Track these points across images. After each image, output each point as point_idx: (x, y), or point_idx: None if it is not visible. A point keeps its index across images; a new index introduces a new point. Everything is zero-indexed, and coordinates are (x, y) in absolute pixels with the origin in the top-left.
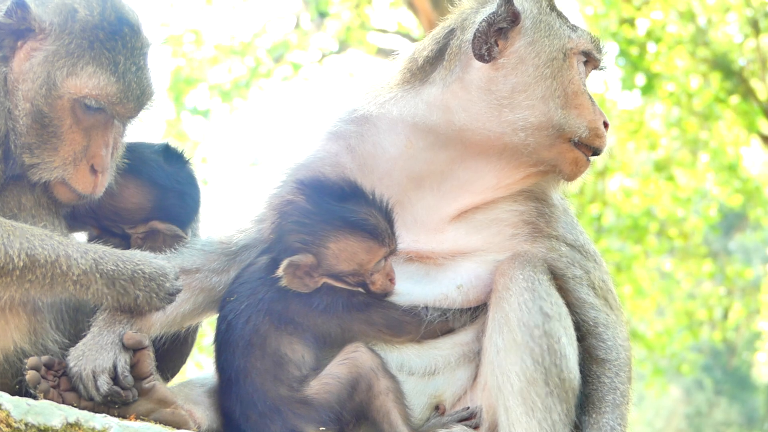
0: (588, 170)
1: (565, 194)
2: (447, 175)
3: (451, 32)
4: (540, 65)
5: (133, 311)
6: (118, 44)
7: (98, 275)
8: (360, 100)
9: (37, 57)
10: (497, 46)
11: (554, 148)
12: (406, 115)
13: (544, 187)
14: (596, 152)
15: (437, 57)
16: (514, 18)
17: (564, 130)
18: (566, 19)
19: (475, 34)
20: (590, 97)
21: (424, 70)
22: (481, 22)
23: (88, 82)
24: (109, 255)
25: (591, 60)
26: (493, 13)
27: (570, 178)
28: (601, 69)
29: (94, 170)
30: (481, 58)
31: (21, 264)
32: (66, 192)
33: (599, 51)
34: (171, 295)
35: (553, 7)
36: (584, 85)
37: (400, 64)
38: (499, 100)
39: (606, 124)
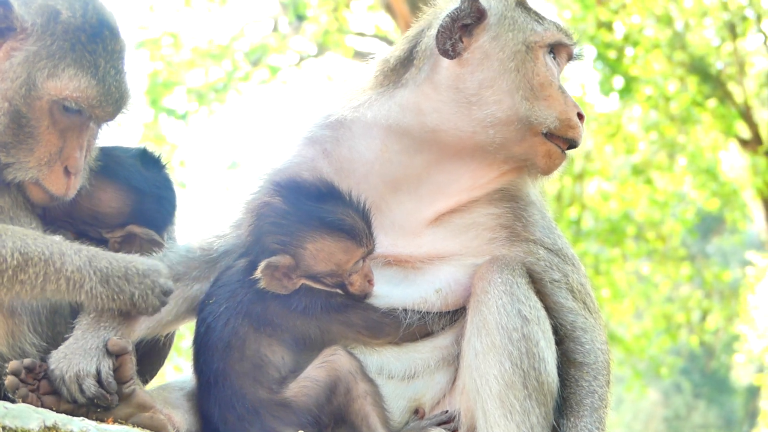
0: (564, 163)
1: (543, 196)
2: (424, 178)
3: (421, 33)
4: (504, 59)
5: (130, 311)
6: (99, 47)
7: (92, 272)
8: (335, 105)
9: (17, 57)
10: (462, 42)
11: (525, 142)
12: (380, 118)
13: (520, 184)
14: (572, 144)
15: (408, 58)
16: (480, 15)
17: (531, 122)
18: (535, 13)
19: (438, 29)
20: (562, 89)
21: (396, 72)
22: (444, 18)
23: (69, 84)
24: (102, 254)
25: (562, 50)
26: (457, 8)
27: (545, 171)
28: (578, 58)
29: (67, 172)
30: (445, 53)
31: (14, 263)
32: (39, 193)
33: (569, 39)
34: (165, 294)
35: (519, 3)
36: (554, 78)
37: (374, 67)
38: (467, 98)
39: (581, 116)
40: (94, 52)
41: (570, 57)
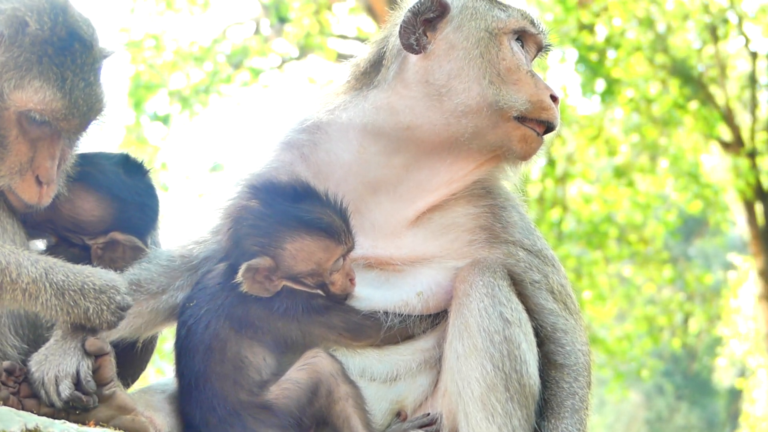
0: (542, 147)
1: (523, 198)
2: (402, 177)
3: (388, 34)
4: (469, 47)
5: (84, 326)
6: (67, 60)
7: (48, 284)
8: (311, 109)
9: None
10: (426, 36)
11: (499, 128)
12: (355, 119)
13: (498, 177)
14: (549, 127)
15: (377, 60)
16: (442, 8)
17: (501, 106)
18: (498, 2)
19: (401, 25)
20: (532, 73)
21: (368, 74)
22: (406, 13)
23: (34, 96)
24: (60, 266)
25: (530, 39)
26: (418, 3)
27: (523, 157)
28: (548, 50)
29: (39, 181)
30: (409, 48)
31: None
32: (15, 199)
33: (534, 27)
34: (122, 310)
35: None
36: (522, 63)
37: (347, 71)
38: (437, 89)
39: (554, 98)
40: (62, 65)
41: (539, 47)
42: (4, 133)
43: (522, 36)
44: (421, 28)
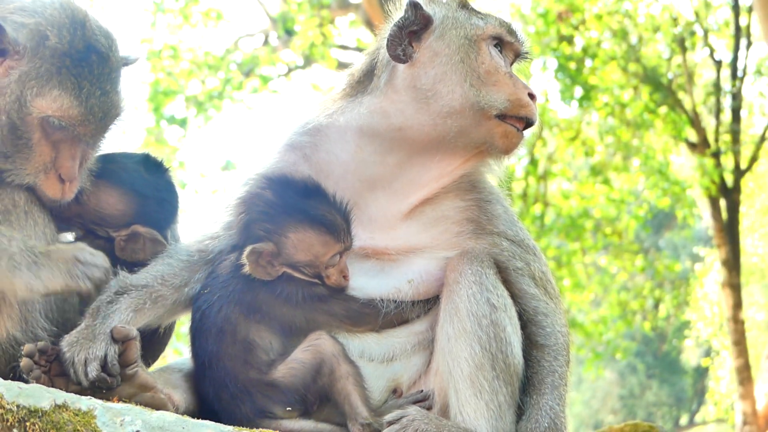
0: (523, 142)
1: (508, 191)
2: (396, 174)
3: (379, 46)
4: (451, 54)
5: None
6: (84, 71)
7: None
8: (311, 114)
9: (14, 75)
10: (412, 46)
11: (482, 126)
12: (352, 122)
13: (483, 171)
14: (528, 122)
15: (370, 70)
16: (426, 21)
17: (482, 106)
18: (477, 12)
19: (387, 38)
20: (510, 74)
21: (362, 83)
22: (392, 27)
23: (53, 104)
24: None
25: (508, 46)
26: (402, 17)
27: (505, 151)
28: (525, 57)
29: (62, 179)
30: (397, 58)
31: None
32: (42, 195)
33: (511, 34)
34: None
35: (462, 5)
36: (501, 66)
37: (344, 79)
38: (424, 93)
39: (532, 96)
40: (79, 75)
41: (517, 54)
42: (28, 136)
43: (500, 43)
44: (406, 40)
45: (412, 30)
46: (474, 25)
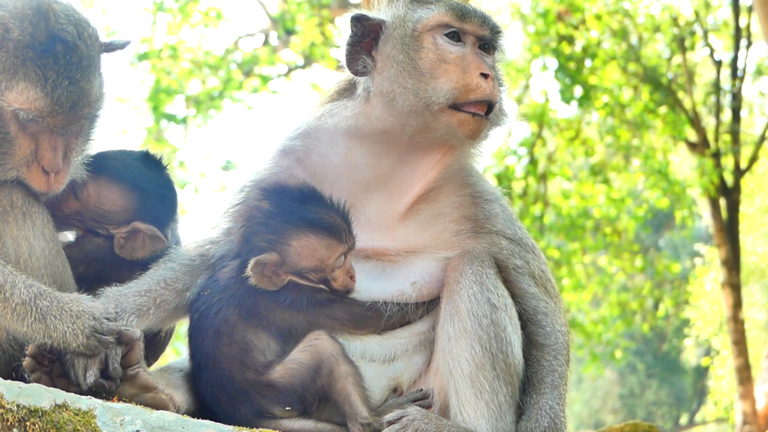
0: (484, 125)
1: (507, 191)
2: (389, 174)
3: None
4: (396, 54)
5: (62, 351)
6: (48, 61)
7: (34, 308)
8: (302, 118)
9: None
10: (372, 56)
11: (439, 119)
12: (340, 123)
13: (465, 158)
14: (489, 106)
15: (350, 79)
16: (378, 28)
17: (432, 101)
18: (427, 3)
19: (345, 57)
20: (459, 60)
21: (347, 89)
22: (345, 46)
23: (19, 97)
24: (48, 293)
25: (463, 29)
26: (351, 34)
27: (470, 137)
28: (491, 36)
29: (46, 171)
30: (358, 73)
31: None
32: (30, 189)
33: (462, 18)
34: (100, 333)
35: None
36: (446, 54)
37: (332, 84)
38: (389, 96)
39: (485, 75)
40: (44, 66)
41: (478, 35)
42: (6, 130)
43: (460, 32)
44: (363, 53)
45: (367, 41)
46: (415, 18)
